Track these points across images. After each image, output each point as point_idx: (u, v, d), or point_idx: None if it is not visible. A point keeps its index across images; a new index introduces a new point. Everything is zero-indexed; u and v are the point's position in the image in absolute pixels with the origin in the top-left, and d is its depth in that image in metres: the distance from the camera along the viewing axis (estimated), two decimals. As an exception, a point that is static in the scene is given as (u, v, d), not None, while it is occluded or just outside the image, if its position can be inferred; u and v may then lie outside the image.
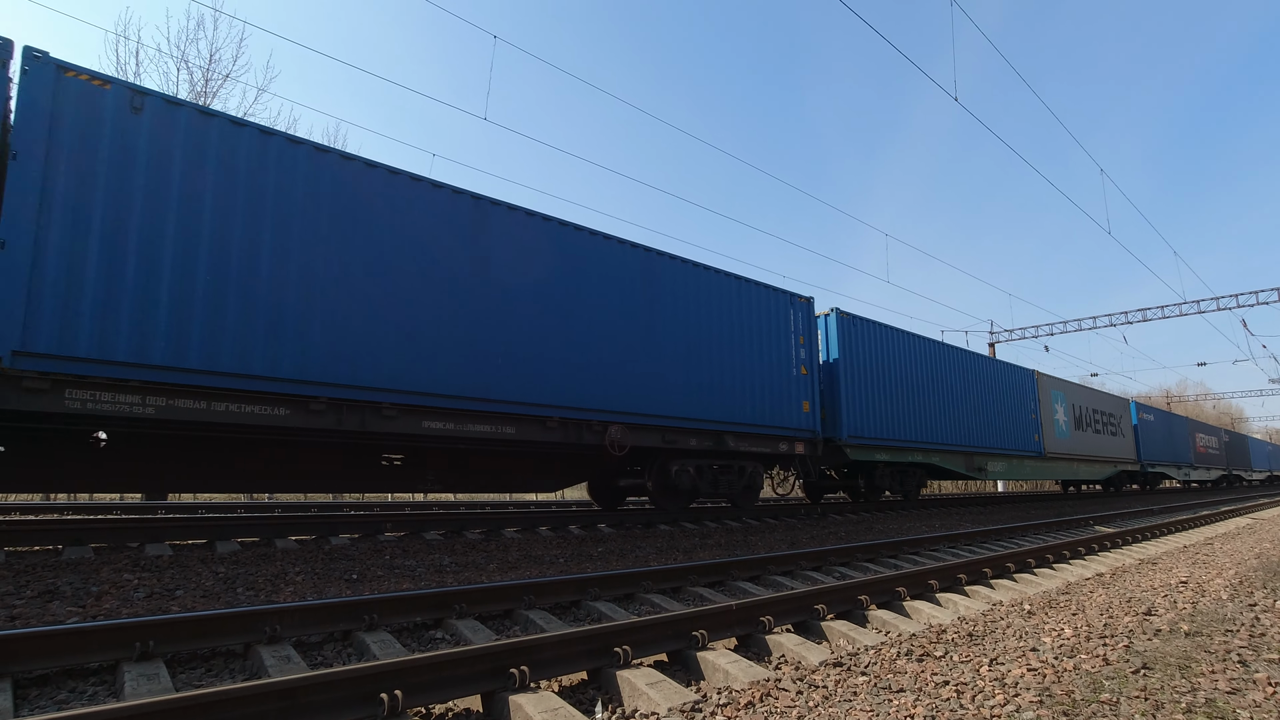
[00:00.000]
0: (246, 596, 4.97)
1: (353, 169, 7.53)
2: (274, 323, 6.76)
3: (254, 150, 6.86)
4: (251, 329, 6.63)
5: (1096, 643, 3.85)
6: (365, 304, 7.38)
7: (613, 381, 9.48)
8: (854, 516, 13.51)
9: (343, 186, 7.41)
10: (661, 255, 10.47)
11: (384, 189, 7.70)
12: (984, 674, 3.28)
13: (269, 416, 6.76)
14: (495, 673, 3.11)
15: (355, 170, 7.55)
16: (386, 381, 7.42)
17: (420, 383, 7.66)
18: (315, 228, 7.16)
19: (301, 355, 6.90)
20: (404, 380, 7.54)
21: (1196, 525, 12.67)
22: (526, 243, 8.87)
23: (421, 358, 7.70)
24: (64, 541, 6.68)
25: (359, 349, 7.27)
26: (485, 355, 8.23)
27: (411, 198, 7.90)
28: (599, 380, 9.31)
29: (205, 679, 3.41)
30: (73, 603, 4.56)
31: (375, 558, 6.68)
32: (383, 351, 7.43)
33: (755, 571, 6.39)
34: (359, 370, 7.23)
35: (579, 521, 10.16)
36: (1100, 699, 2.95)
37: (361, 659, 3.74)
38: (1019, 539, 10.06)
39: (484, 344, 8.24)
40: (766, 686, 3.12)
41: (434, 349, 7.80)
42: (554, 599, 4.97)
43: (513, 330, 8.52)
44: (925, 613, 5.09)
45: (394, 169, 7.81)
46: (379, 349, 7.40)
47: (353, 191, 7.48)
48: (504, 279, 8.54)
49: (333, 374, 7.06)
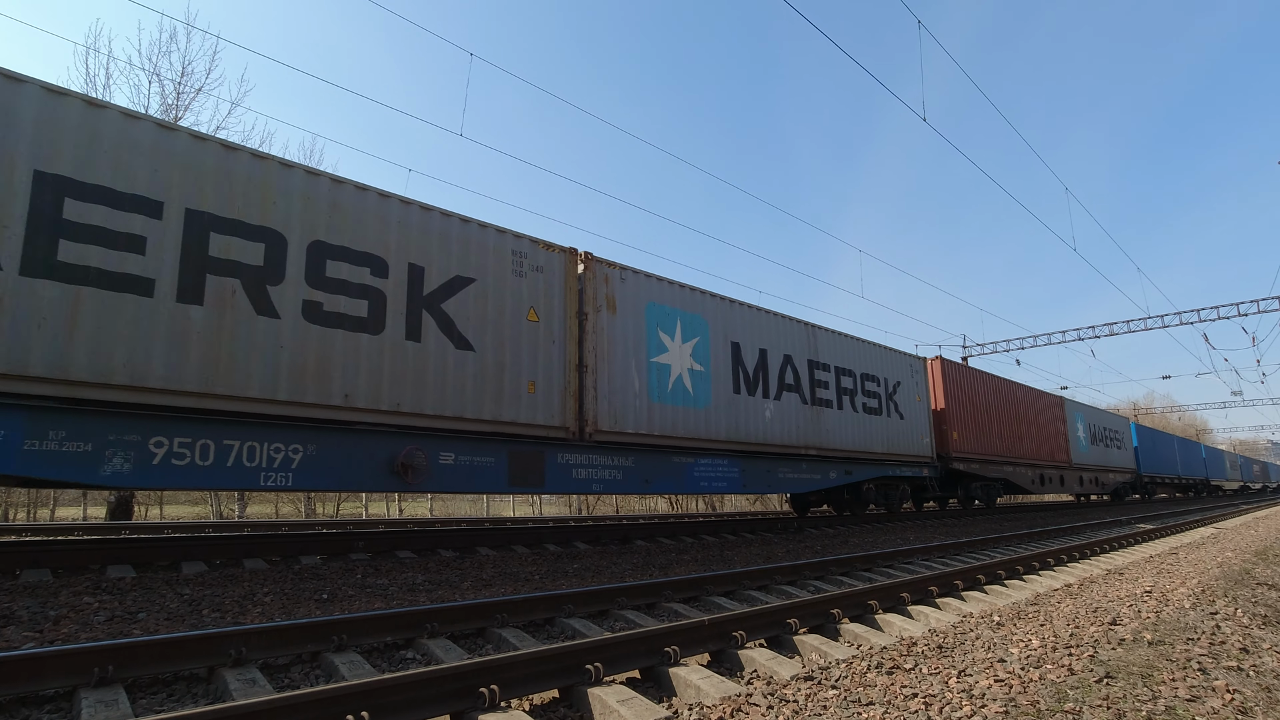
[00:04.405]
0: (212, 619, 4.87)
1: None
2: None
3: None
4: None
5: (1062, 653, 3.91)
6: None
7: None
8: (830, 530, 13.60)
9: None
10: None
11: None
12: (952, 685, 3.31)
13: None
14: (464, 693, 3.08)
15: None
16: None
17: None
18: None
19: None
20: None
21: (1163, 535, 12.94)
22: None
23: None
24: (21, 564, 6.48)
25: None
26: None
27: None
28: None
29: (167, 704, 3.33)
30: (29, 628, 4.42)
31: (346, 577, 6.57)
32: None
33: (730, 586, 6.40)
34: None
35: (555, 538, 10.09)
36: (1064, 708, 3.00)
37: (330, 680, 3.67)
38: (991, 551, 10.19)
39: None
40: (738, 702, 3.12)
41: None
42: (528, 616, 4.93)
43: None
44: (897, 625, 5.13)
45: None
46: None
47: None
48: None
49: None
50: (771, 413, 12.18)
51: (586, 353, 9.43)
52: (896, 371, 15.99)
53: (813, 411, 13.20)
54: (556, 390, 8.97)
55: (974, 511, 19.73)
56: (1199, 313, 28.15)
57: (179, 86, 16.53)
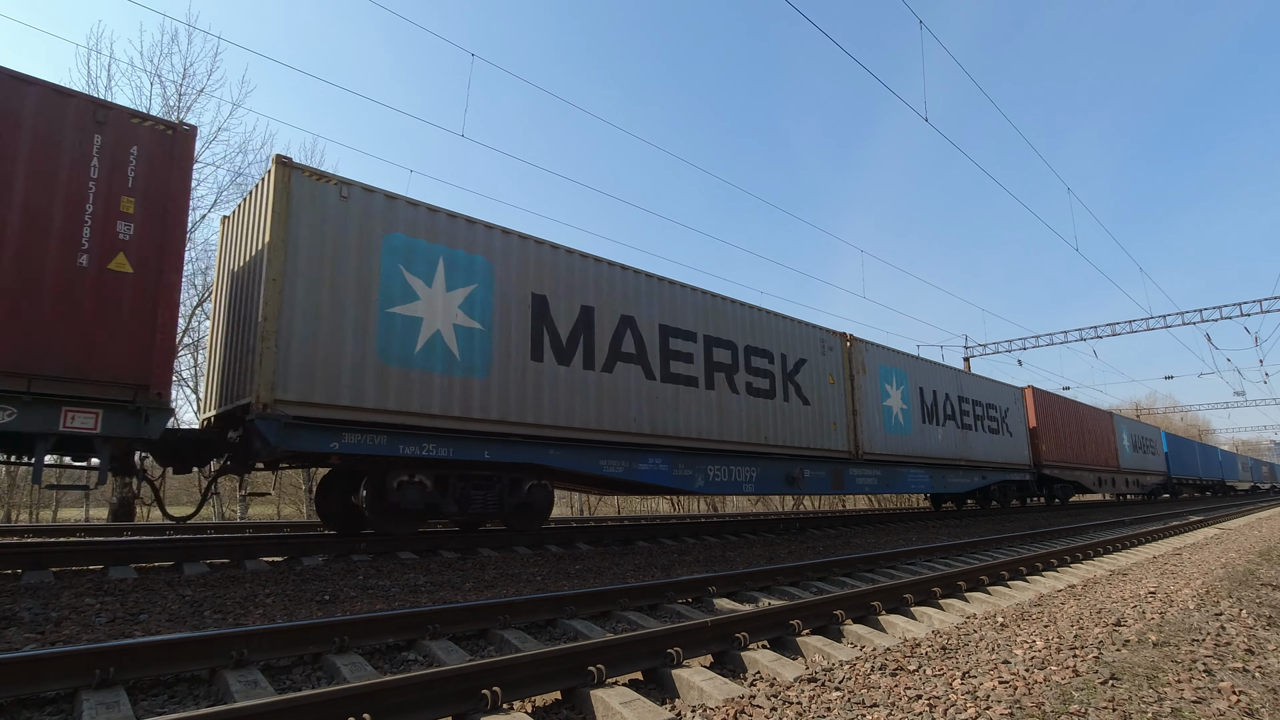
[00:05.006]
0: (214, 620, 4.86)
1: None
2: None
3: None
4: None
5: (1067, 654, 3.89)
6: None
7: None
8: (832, 531, 13.58)
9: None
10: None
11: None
12: (956, 687, 3.30)
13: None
14: (467, 694, 3.06)
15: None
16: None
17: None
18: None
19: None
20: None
21: (1166, 536, 12.90)
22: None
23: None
24: (23, 565, 6.47)
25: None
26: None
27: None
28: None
29: (168, 706, 3.32)
30: (31, 629, 4.42)
31: (348, 578, 6.56)
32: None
33: (733, 588, 6.38)
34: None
35: (557, 539, 10.07)
36: (1069, 710, 2.98)
37: (331, 682, 3.67)
38: (994, 552, 10.16)
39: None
40: (741, 704, 3.11)
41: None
42: (530, 618, 4.92)
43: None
44: (900, 626, 5.11)
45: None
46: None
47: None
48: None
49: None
50: (942, 436, 17.20)
51: (856, 402, 14.50)
52: (1007, 399, 20.95)
53: (960, 433, 18.07)
54: (844, 428, 14.05)
55: (1044, 508, 24.43)
56: (1201, 312, 28.10)
57: (180, 88, 16.58)
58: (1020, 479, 21.05)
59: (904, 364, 16.40)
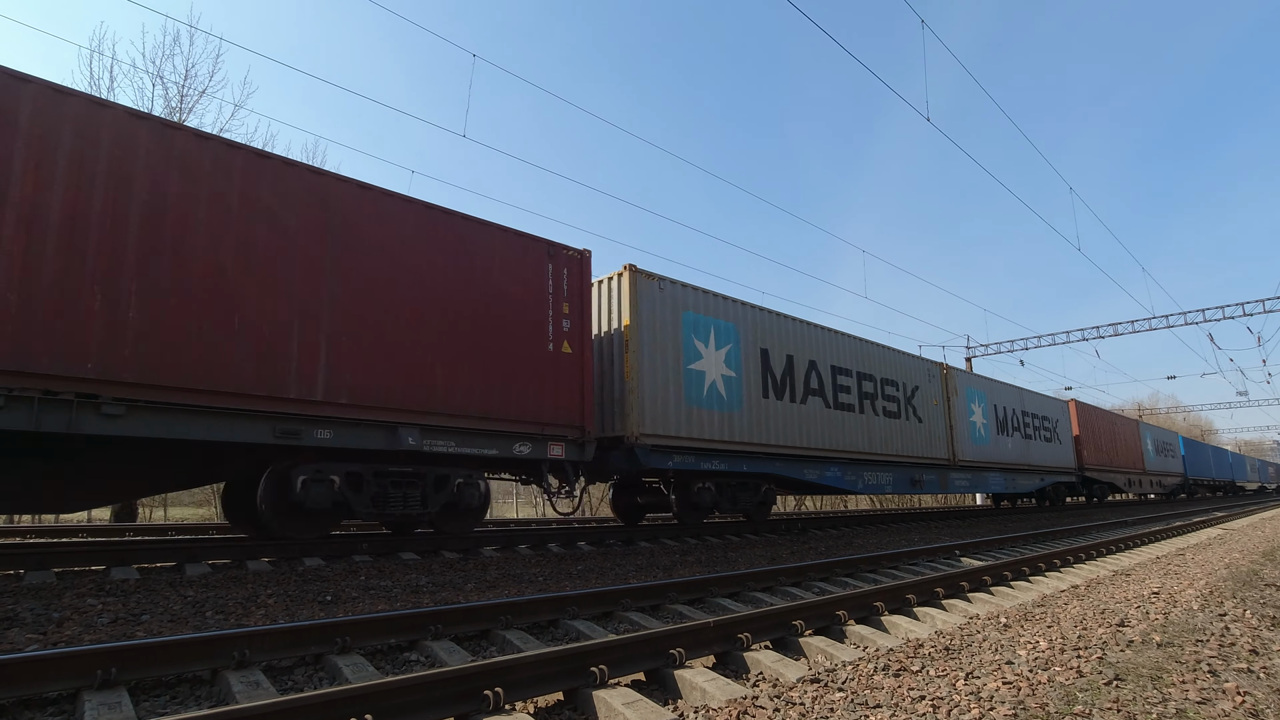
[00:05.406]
0: (216, 620, 4.86)
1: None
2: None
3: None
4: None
5: (1070, 655, 3.88)
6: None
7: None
8: (834, 531, 13.56)
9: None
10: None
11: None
12: (960, 688, 3.29)
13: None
14: (469, 695, 3.06)
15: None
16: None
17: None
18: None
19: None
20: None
21: (1169, 536, 12.87)
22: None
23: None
24: (26, 566, 6.48)
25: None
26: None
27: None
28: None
29: (170, 707, 3.32)
30: (33, 629, 4.42)
31: (350, 579, 6.56)
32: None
33: (735, 588, 6.37)
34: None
35: (558, 540, 10.08)
36: (1074, 711, 2.97)
37: (333, 683, 3.66)
38: (997, 552, 10.14)
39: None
40: (744, 705, 3.10)
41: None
42: (532, 618, 4.91)
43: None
44: (903, 627, 5.10)
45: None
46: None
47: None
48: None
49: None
50: (1011, 445, 20.47)
51: (952, 419, 17.85)
52: (1056, 411, 24.36)
53: (1024, 442, 21.38)
54: (943, 439, 17.26)
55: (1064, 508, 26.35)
56: (1204, 313, 28.07)
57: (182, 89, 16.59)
58: (1069, 480, 24.55)
59: (983, 386, 19.91)
